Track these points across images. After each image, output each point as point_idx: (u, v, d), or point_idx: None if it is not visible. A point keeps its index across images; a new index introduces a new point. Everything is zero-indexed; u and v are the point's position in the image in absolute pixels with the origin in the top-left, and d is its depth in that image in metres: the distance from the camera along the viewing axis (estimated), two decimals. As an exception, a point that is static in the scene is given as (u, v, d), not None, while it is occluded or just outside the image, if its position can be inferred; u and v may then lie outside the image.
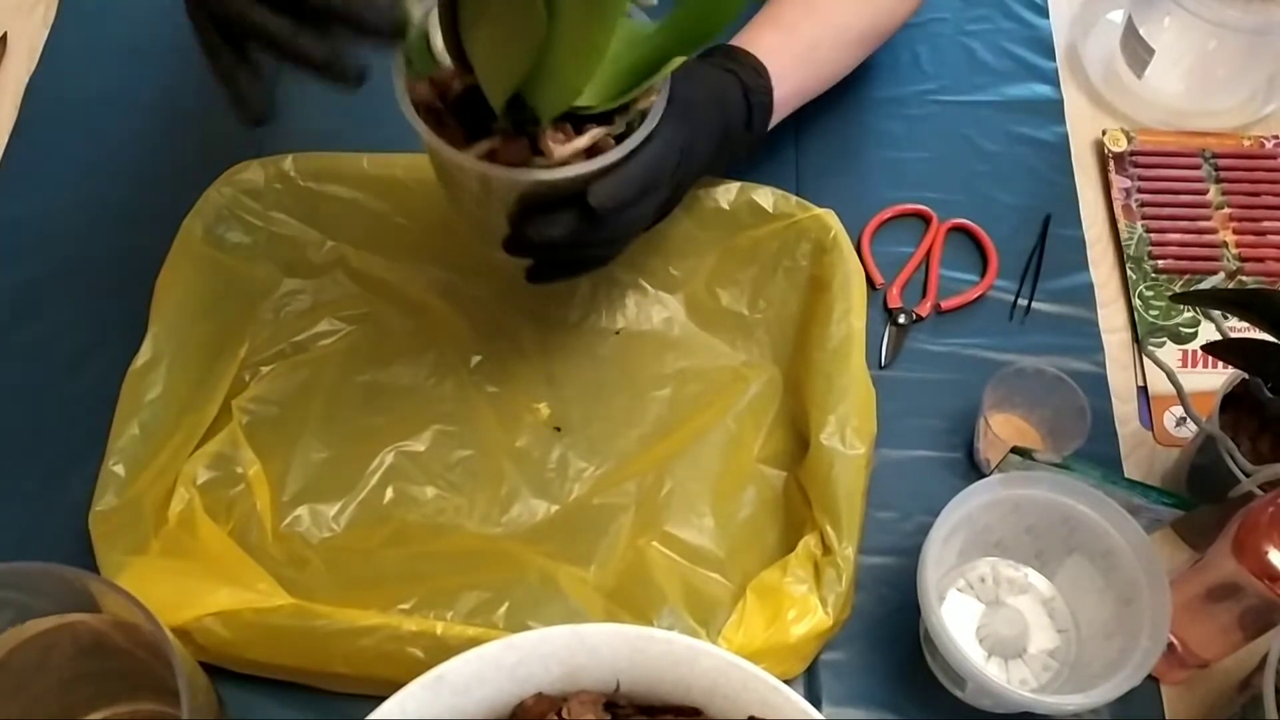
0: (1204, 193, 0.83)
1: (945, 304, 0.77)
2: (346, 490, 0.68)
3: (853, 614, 0.62)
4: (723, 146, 0.66)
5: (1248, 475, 0.60)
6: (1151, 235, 0.80)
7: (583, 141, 0.56)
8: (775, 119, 0.70)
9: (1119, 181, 0.83)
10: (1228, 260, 0.80)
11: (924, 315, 0.77)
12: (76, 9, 0.90)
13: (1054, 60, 0.89)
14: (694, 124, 0.62)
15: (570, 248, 0.59)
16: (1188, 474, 0.68)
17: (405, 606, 0.62)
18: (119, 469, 0.61)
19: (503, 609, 0.62)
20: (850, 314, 0.67)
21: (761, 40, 0.70)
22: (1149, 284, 0.78)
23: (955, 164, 0.83)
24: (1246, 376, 0.64)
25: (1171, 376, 0.65)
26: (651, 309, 0.74)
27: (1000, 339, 0.76)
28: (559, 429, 0.71)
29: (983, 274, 0.79)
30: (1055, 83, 0.88)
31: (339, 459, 0.69)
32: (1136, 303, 0.78)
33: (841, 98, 0.85)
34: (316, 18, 0.48)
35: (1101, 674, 0.58)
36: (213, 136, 0.83)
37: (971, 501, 0.60)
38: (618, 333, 0.74)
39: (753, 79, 0.67)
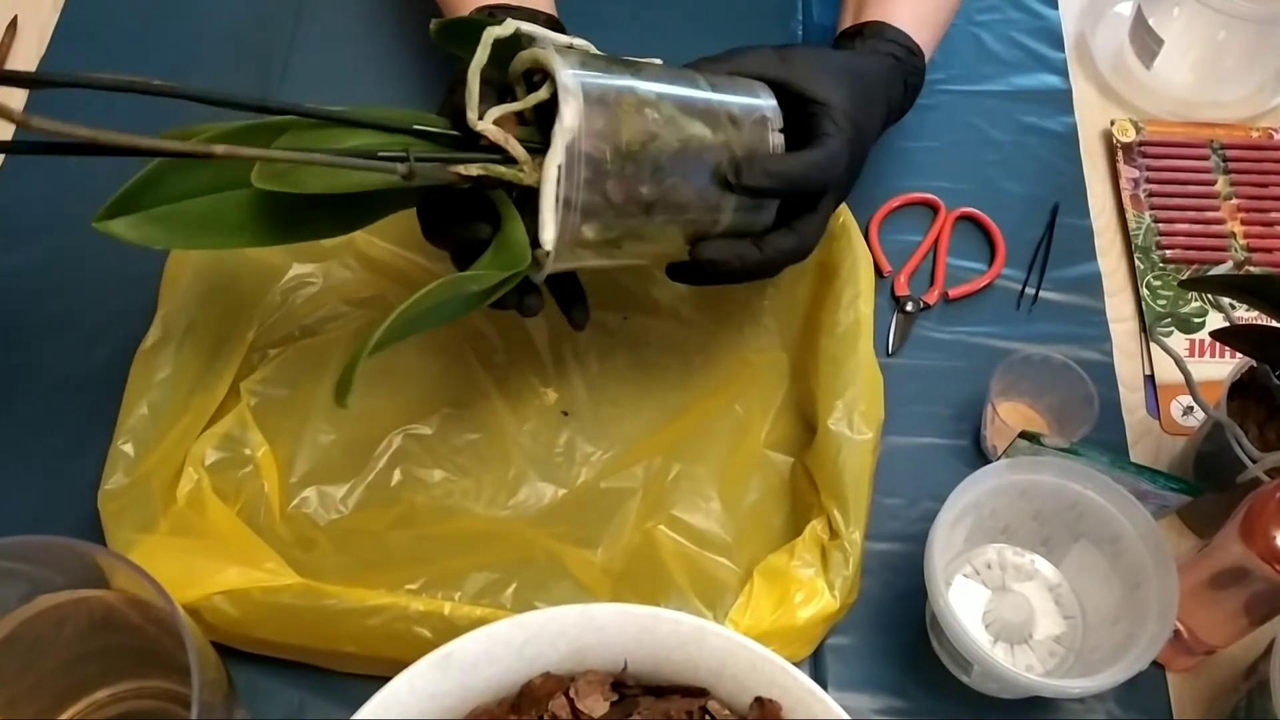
0: (1212, 183, 0.83)
1: (953, 292, 0.77)
2: (354, 472, 0.68)
3: (859, 599, 0.62)
4: (887, 115, 0.66)
5: (1255, 461, 0.61)
6: (1160, 225, 0.81)
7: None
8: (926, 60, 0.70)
9: (1127, 171, 0.83)
10: (1235, 250, 0.80)
11: (931, 303, 0.77)
12: (86, -7, 0.90)
13: (1063, 50, 0.89)
14: (861, 127, 0.62)
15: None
16: (1194, 461, 0.68)
17: (413, 587, 0.62)
18: (128, 448, 0.62)
19: (510, 590, 0.62)
20: (859, 300, 0.67)
21: (900, 11, 0.70)
22: (1157, 274, 0.78)
23: (964, 153, 0.83)
24: (1254, 364, 0.64)
25: (1179, 363, 0.65)
26: (659, 294, 0.75)
27: (1007, 328, 0.76)
28: (566, 413, 0.71)
29: (990, 263, 0.79)
30: (1064, 73, 0.88)
31: (347, 441, 0.69)
32: (1144, 292, 0.78)
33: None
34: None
35: (1107, 659, 0.58)
36: (222, 119, 0.83)
37: (979, 487, 0.61)
38: (625, 318, 0.74)
39: (909, 61, 0.68)
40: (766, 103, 0.60)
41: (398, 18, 0.88)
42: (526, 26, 0.57)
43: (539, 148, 0.55)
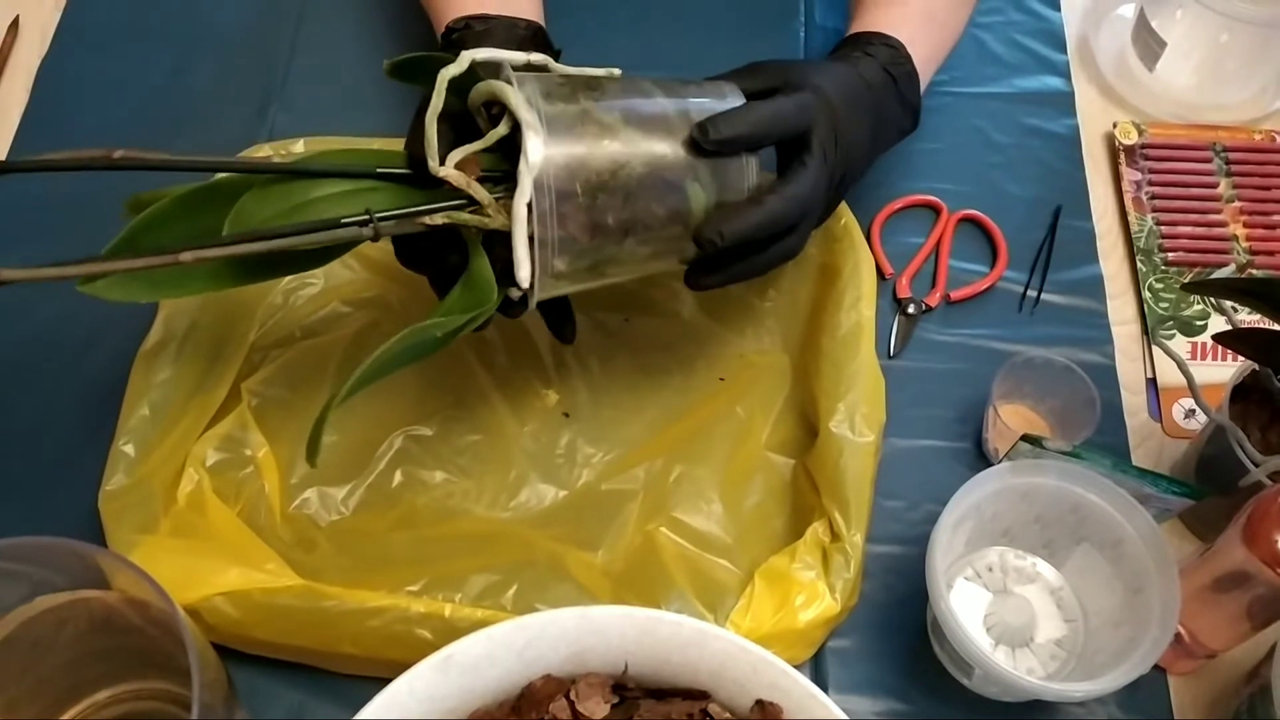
0: (1214, 186, 0.83)
1: (955, 294, 0.77)
2: (355, 473, 0.68)
3: (860, 602, 0.62)
4: (881, 124, 0.66)
5: (1257, 465, 0.60)
6: (1162, 228, 0.80)
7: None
8: (922, 87, 0.70)
9: (1129, 174, 0.83)
10: (1238, 253, 0.80)
11: (933, 305, 0.77)
12: (88, -7, 0.90)
13: (1065, 53, 0.89)
14: (834, 120, 0.61)
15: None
16: (1196, 465, 0.68)
17: (413, 588, 0.62)
18: (129, 449, 0.62)
19: (511, 592, 0.62)
20: (860, 302, 0.67)
21: (878, 16, 0.70)
22: (1159, 276, 0.78)
23: (966, 155, 0.83)
24: (1256, 367, 0.64)
25: (1182, 365, 0.65)
26: (660, 296, 0.74)
27: (1009, 330, 0.76)
28: (567, 415, 0.71)
29: (992, 265, 0.79)
30: (1066, 75, 0.88)
31: (348, 442, 0.69)
32: (1146, 295, 0.78)
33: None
34: None
35: (1109, 663, 0.58)
36: (223, 119, 0.83)
37: (980, 489, 0.60)
38: (627, 320, 0.74)
39: (887, 53, 0.67)
40: (735, 104, 0.59)
41: (399, 18, 0.87)
42: (482, 55, 0.56)
43: (503, 176, 0.55)
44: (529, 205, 0.53)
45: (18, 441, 0.70)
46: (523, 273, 0.54)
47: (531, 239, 0.54)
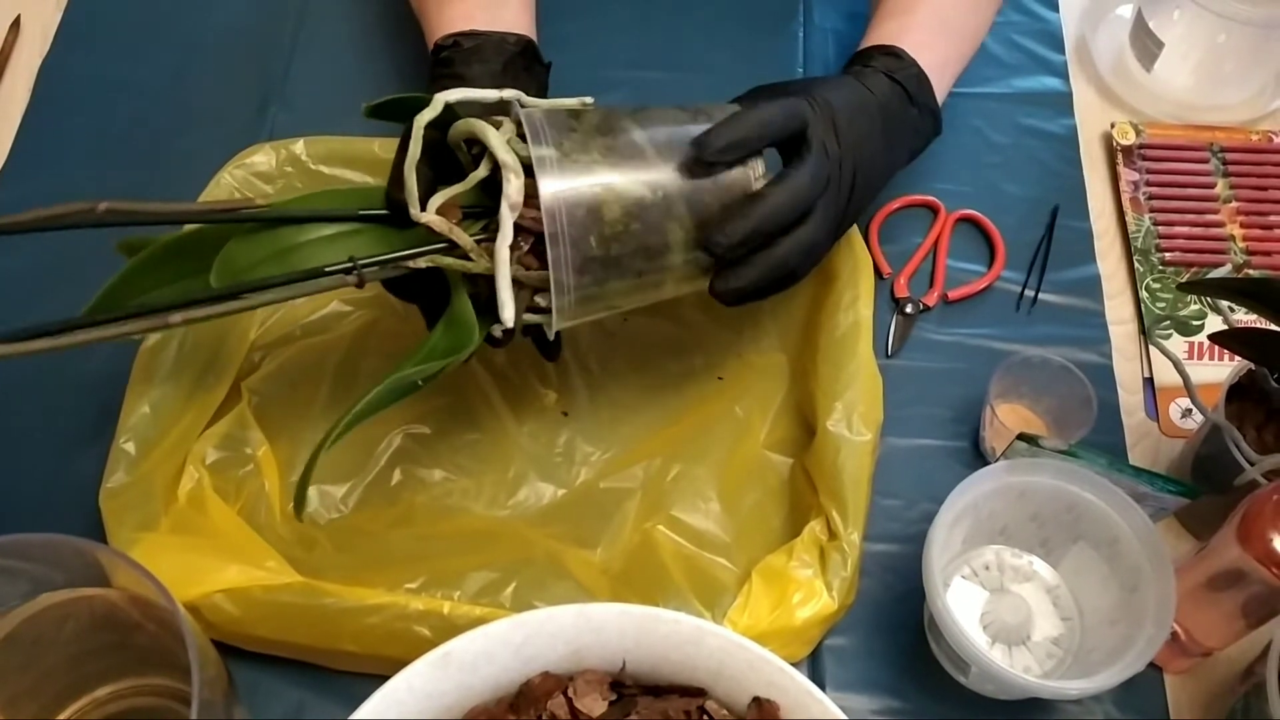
0: (1211, 186, 0.83)
1: (952, 294, 0.77)
2: (355, 472, 0.69)
3: (857, 600, 0.63)
4: (892, 127, 0.65)
5: (1252, 464, 0.61)
6: (1159, 228, 0.81)
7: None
8: (939, 92, 0.69)
9: (1127, 174, 0.83)
10: (1235, 253, 0.80)
11: (931, 305, 0.77)
12: (89, -8, 0.90)
13: (1063, 53, 0.89)
14: (833, 118, 0.61)
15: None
16: (1192, 464, 0.68)
17: (412, 586, 0.62)
18: (129, 447, 0.62)
19: (509, 589, 0.62)
20: (858, 302, 0.68)
21: (884, 29, 0.70)
22: (1156, 276, 0.79)
23: (964, 155, 0.84)
24: (1253, 367, 0.64)
25: (1178, 365, 0.65)
26: (660, 296, 0.75)
27: (1007, 330, 0.76)
28: (566, 413, 0.71)
29: (990, 265, 0.79)
30: (1064, 76, 0.88)
31: (347, 441, 0.68)
32: (1143, 295, 0.78)
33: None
34: None
35: (1105, 661, 0.58)
36: (224, 119, 0.83)
37: (977, 488, 0.61)
38: (625, 319, 0.74)
39: (889, 61, 0.67)
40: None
41: (400, 19, 0.88)
42: (455, 95, 0.56)
43: (484, 211, 0.56)
44: (511, 249, 0.54)
45: (19, 439, 0.70)
46: (506, 314, 0.54)
47: (515, 282, 0.54)
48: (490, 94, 0.58)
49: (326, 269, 0.54)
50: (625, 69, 0.86)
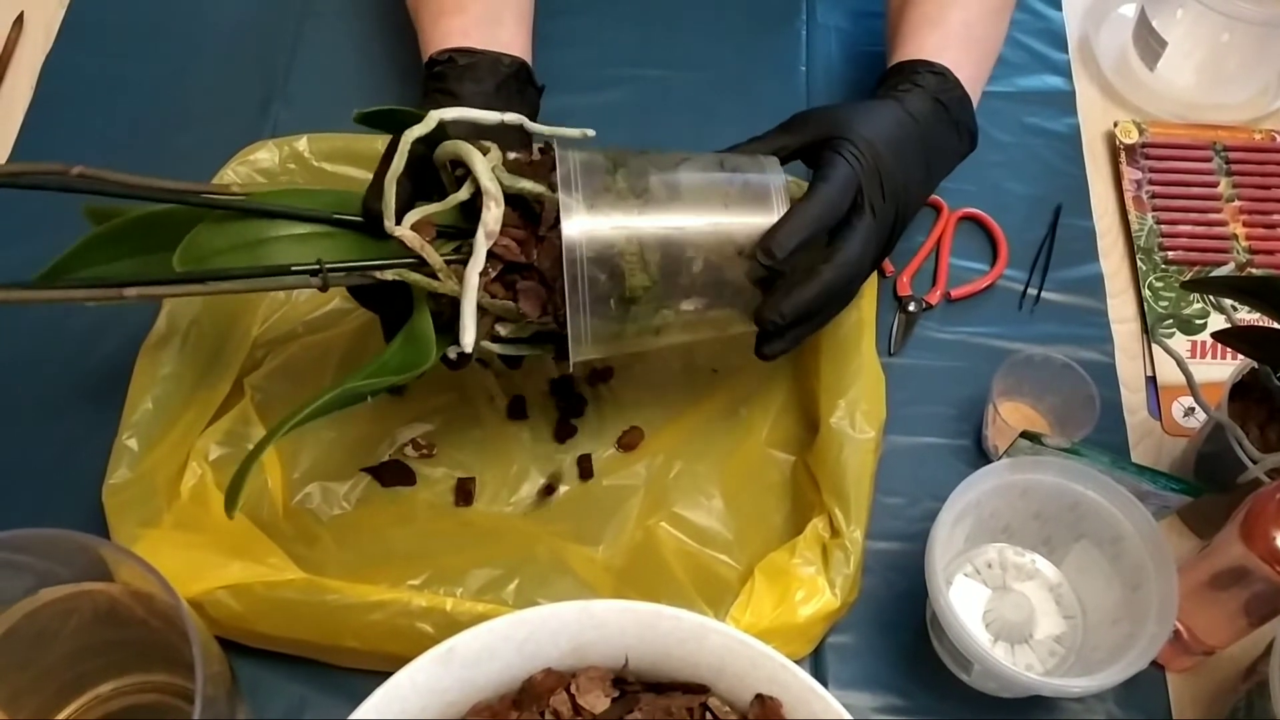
0: (1215, 185, 0.83)
1: (955, 293, 0.77)
2: (357, 468, 0.69)
3: (859, 598, 0.63)
4: (934, 155, 0.66)
5: (1255, 462, 0.61)
6: (1162, 227, 0.81)
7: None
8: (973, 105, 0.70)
9: (1130, 173, 0.83)
10: (1238, 252, 0.80)
11: (934, 303, 0.77)
12: (92, -11, 0.90)
13: (1066, 52, 0.89)
14: (879, 168, 0.61)
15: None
16: (1195, 462, 0.68)
17: (415, 583, 0.62)
18: (132, 443, 0.62)
19: (512, 586, 0.62)
20: (861, 300, 0.67)
21: (920, 43, 0.69)
22: (1159, 275, 0.79)
23: (967, 153, 0.84)
24: (1256, 365, 0.64)
25: (1181, 364, 0.65)
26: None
27: (1009, 328, 0.76)
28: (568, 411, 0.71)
29: (993, 263, 0.79)
30: (1067, 74, 0.88)
31: (350, 437, 0.70)
32: (1146, 293, 0.78)
33: (855, 88, 0.86)
34: None
35: (1107, 659, 0.58)
36: (226, 116, 0.83)
37: (980, 486, 0.61)
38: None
39: (935, 81, 0.67)
40: (772, 173, 0.59)
41: (402, 18, 0.88)
42: (450, 114, 0.56)
43: (458, 233, 0.56)
44: (481, 275, 0.54)
45: (22, 434, 0.70)
46: (467, 338, 0.54)
47: (479, 308, 0.55)
48: (491, 116, 0.58)
49: (293, 268, 0.54)
50: (627, 66, 0.86)
